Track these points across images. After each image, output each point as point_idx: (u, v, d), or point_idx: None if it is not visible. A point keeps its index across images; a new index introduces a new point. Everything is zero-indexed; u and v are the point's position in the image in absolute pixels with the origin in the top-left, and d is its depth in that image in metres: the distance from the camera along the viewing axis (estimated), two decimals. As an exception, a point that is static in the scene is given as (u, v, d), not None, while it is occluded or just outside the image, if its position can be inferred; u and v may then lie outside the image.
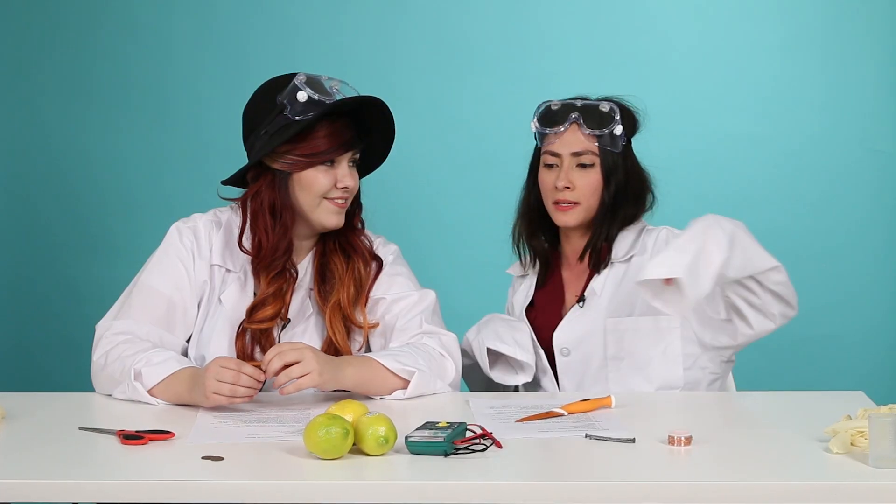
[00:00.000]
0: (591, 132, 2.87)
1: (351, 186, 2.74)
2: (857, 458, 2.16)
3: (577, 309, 2.92)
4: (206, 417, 2.49)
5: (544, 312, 2.97)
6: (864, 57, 4.14)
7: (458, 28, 4.23)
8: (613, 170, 2.88)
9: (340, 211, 2.76)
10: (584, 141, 2.88)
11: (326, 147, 2.71)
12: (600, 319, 2.88)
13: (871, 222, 4.17)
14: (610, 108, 2.88)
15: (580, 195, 2.87)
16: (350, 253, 2.81)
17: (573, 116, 2.88)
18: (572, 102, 2.91)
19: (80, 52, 4.27)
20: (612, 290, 2.89)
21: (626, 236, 2.92)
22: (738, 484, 2.07)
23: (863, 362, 4.13)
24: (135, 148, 4.27)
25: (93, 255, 4.28)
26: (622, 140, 2.89)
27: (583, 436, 2.32)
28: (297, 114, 2.68)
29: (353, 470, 2.14)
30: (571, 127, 2.89)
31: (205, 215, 2.85)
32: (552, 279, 2.99)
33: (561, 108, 2.90)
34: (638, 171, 2.93)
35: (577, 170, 2.88)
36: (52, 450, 2.28)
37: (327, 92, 2.71)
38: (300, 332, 2.79)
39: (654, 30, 4.18)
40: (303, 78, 2.70)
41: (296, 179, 2.73)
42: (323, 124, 2.70)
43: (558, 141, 2.89)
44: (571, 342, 2.90)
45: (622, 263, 2.91)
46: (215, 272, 2.80)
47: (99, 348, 2.71)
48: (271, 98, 2.71)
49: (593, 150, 2.88)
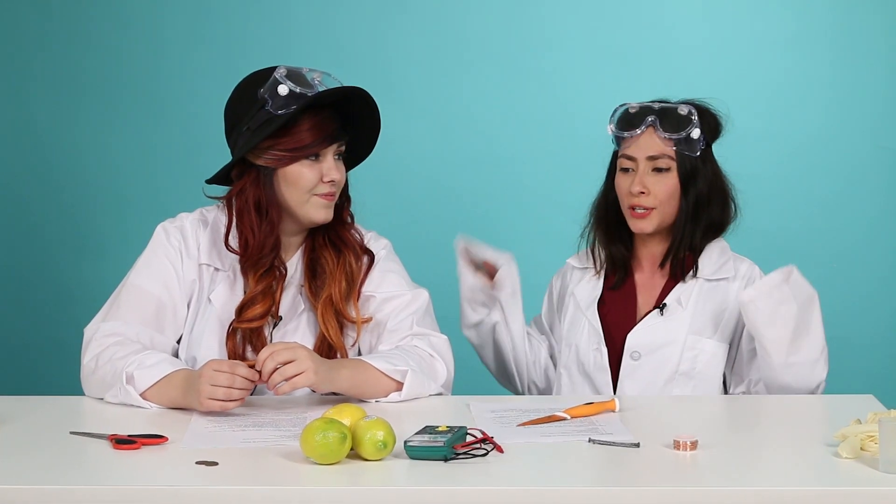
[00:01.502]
0: (668, 135, 2.84)
1: (337, 179, 2.71)
2: (867, 463, 2.14)
3: (657, 315, 2.87)
4: (200, 421, 2.46)
5: (616, 311, 2.93)
6: (873, 53, 4.12)
7: (457, 22, 4.21)
8: (692, 174, 2.85)
9: (329, 205, 2.73)
10: (660, 144, 2.85)
11: (310, 140, 2.67)
12: (682, 331, 2.85)
13: (881, 221, 4.15)
14: (688, 111, 2.85)
15: (656, 200, 2.84)
16: (340, 247, 2.79)
17: (649, 119, 2.85)
18: (650, 105, 2.88)
19: (71, 48, 4.25)
20: (695, 305, 2.86)
21: (711, 252, 2.89)
22: (745, 490, 2.05)
23: (873, 365, 4.12)
24: (126, 146, 4.25)
25: (83, 256, 4.26)
26: (701, 144, 2.85)
27: (586, 440, 2.30)
28: (278, 108, 2.65)
29: (350, 475, 2.12)
30: (647, 130, 2.86)
31: (191, 214, 2.83)
32: (626, 281, 2.95)
33: (638, 111, 2.88)
34: (718, 178, 2.90)
35: (653, 174, 2.85)
36: (42, 455, 2.25)
37: (309, 84, 2.68)
38: (292, 329, 2.77)
39: (660, 25, 4.16)
40: (283, 71, 2.67)
41: (281, 175, 2.70)
42: (305, 117, 2.67)
43: (634, 144, 2.86)
44: (646, 347, 2.86)
45: (709, 281, 2.87)
46: (204, 271, 2.78)
47: (89, 351, 2.68)
48: (252, 93, 2.68)
49: (669, 153, 2.85)
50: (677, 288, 2.88)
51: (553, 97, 4.14)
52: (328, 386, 2.55)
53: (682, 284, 2.88)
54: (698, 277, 2.87)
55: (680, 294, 2.88)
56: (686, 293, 2.88)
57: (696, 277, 2.88)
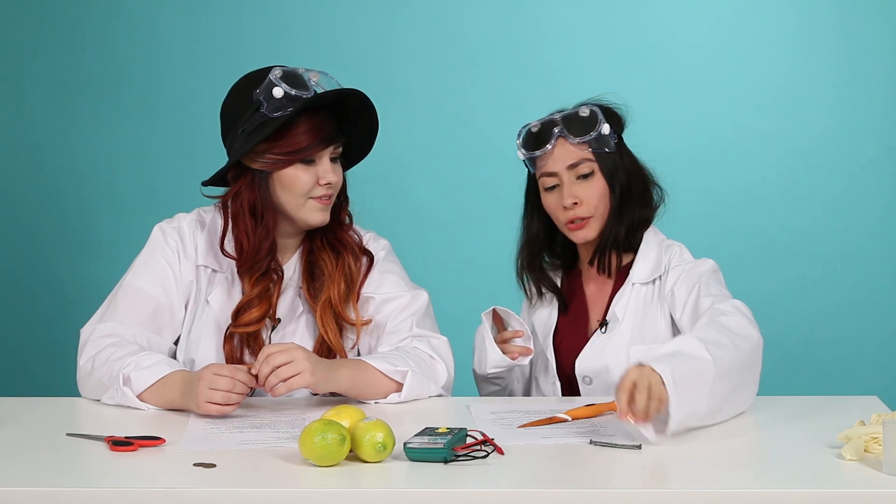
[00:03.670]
0: (580, 140, 2.80)
1: (334, 182, 2.69)
2: (870, 464, 2.13)
3: (599, 335, 2.84)
4: (197, 423, 2.45)
5: (568, 338, 2.90)
6: (877, 51, 4.12)
7: (457, 21, 4.20)
8: (614, 171, 2.81)
9: (325, 208, 2.71)
10: (576, 151, 2.81)
11: (307, 143, 2.65)
12: (623, 346, 2.81)
13: (886, 221, 4.15)
14: (590, 111, 2.81)
15: (590, 207, 2.81)
16: (339, 249, 2.77)
17: (556, 131, 2.81)
18: (551, 118, 2.84)
19: (68, 46, 4.24)
20: (634, 315, 2.82)
21: (648, 253, 2.85)
22: (749, 492, 2.04)
23: (877, 366, 4.11)
24: (122, 146, 4.25)
25: (79, 256, 4.25)
26: (613, 139, 2.82)
27: (587, 442, 2.29)
28: (273, 110, 2.63)
29: (349, 477, 2.11)
30: (558, 141, 2.82)
31: (188, 215, 2.81)
32: (575, 301, 2.92)
33: (542, 127, 2.84)
34: (637, 167, 2.86)
35: (579, 182, 2.81)
36: (38, 457, 2.24)
37: (305, 85, 2.65)
38: (291, 331, 2.75)
39: (662, 23, 4.16)
40: (278, 73, 2.65)
41: (276, 178, 2.68)
42: (301, 119, 2.65)
43: (550, 160, 2.82)
44: (593, 371, 2.83)
45: (644, 285, 2.84)
46: (201, 273, 2.77)
47: (85, 353, 2.67)
48: (247, 94, 2.66)
49: (588, 157, 2.81)
50: (616, 301, 2.83)
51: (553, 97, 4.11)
52: (326, 386, 2.53)
53: (619, 294, 2.83)
54: (634, 283, 2.84)
55: (618, 308, 2.83)
56: (622, 303, 2.83)
57: (632, 284, 2.83)
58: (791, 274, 4.10)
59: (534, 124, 2.85)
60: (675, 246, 2.86)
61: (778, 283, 4.06)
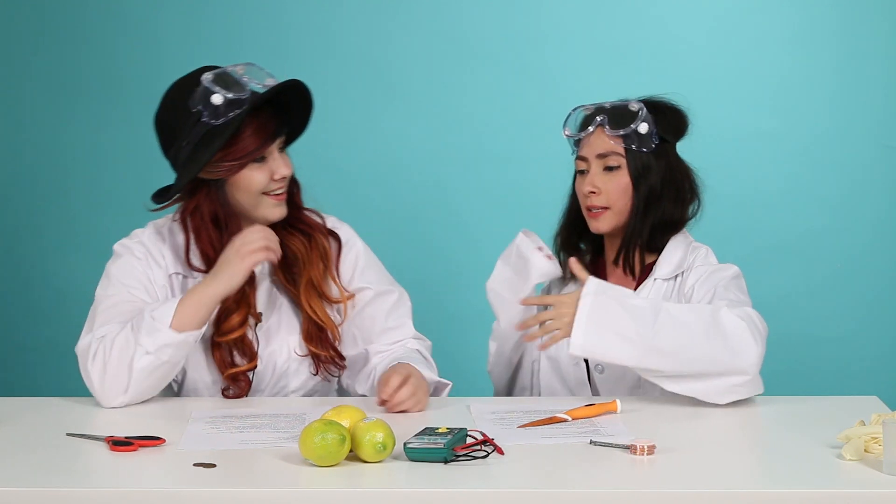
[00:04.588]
0: (615, 132, 2.81)
1: (288, 174, 2.69)
2: (870, 465, 2.13)
3: None
4: (197, 423, 2.45)
5: None
6: (877, 51, 4.11)
7: (456, 20, 4.19)
8: (643, 171, 2.81)
9: (281, 203, 2.70)
10: (609, 142, 2.82)
11: (256, 144, 2.64)
12: None
13: (886, 221, 4.14)
14: (638, 107, 2.82)
15: (608, 199, 2.81)
16: (307, 231, 2.77)
17: (598, 119, 2.83)
18: (601, 105, 2.85)
19: (68, 46, 4.23)
20: None
21: (674, 251, 2.85)
22: (749, 492, 2.04)
23: (877, 366, 4.10)
24: (123, 145, 4.23)
25: (79, 255, 4.24)
26: (653, 139, 2.81)
27: (587, 442, 2.29)
28: (216, 118, 2.61)
29: (349, 477, 2.11)
30: (597, 129, 2.83)
31: (145, 230, 2.79)
32: None
33: (589, 112, 2.86)
34: (677, 173, 2.86)
35: (604, 173, 2.82)
36: (38, 457, 2.24)
37: (239, 84, 2.64)
38: (275, 323, 2.75)
39: (661, 23, 4.15)
40: (210, 77, 2.63)
41: (231, 183, 2.66)
42: (246, 122, 2.62)
43: (585, 145, 2.85)
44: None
45: (665, 281, 2.83)
46: (174, 280, 2.73)
47: (92, 358, 2.59)
48: (183, 104, 2.64)
49: (618, 151, 2.82)
50: (637, 291, 2.81)
51: (553, 96, 4.12)
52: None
53: (640, 288, 2.82)
54: (655, 279, 2.84)
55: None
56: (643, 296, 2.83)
57: (654, 279, 2.83)
58: (790, 274, 4.09)
59: (586, 107, 2.88)
60: (701, 248, 2.88)
61: (777, 283, 4.05)
